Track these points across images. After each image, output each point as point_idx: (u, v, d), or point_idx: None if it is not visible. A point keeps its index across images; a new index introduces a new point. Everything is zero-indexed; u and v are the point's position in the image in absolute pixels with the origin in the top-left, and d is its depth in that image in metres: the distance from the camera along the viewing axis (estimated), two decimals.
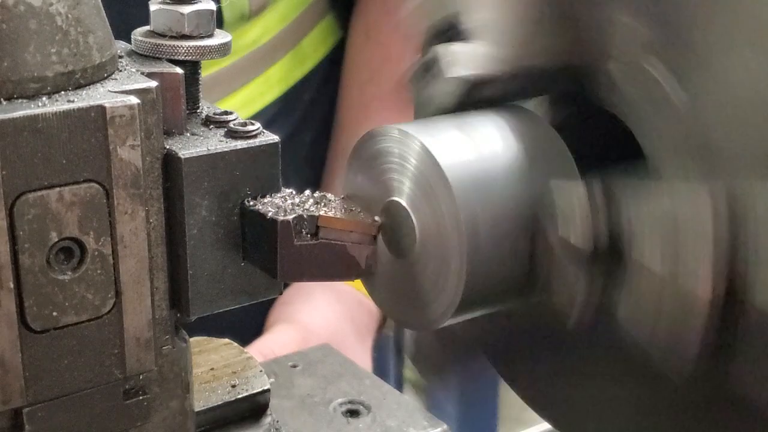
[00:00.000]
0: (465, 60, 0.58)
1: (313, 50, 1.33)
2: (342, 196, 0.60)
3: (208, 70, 0.62)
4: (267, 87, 1.27)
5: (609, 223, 0.53)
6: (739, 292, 0.49)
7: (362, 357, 1.19)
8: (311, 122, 1.34)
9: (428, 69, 0.60)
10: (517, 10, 0.56)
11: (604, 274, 0.54)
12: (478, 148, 0.55)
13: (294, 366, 0.85)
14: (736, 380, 0.50)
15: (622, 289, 0.53)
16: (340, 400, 0.80)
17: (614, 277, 0.53)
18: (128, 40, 0.61)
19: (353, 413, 0.78)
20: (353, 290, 1.21)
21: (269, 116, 1.26)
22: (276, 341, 1.10)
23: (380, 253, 0.58)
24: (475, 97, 0.59)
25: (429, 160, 0.54)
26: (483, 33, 0.58)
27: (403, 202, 0.56)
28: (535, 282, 0.56)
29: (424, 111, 0.61)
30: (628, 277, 0.52)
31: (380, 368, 1.33)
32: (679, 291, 0.50)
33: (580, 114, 0.61)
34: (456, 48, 0.59)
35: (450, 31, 0.60)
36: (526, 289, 0.57)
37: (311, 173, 1.34)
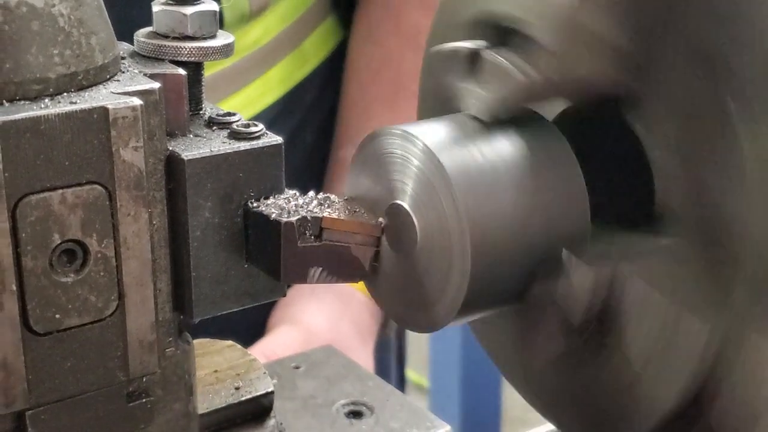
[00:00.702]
0: (509, 75, 0.57)
1: (314, 51, 1.33)
2: (345, 197, 0.60)
3: (208, 71, 0.62)
4: (267, 88, 1.27)
5: (603, 304, 0.56)
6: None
7: (365, 358, 1.19)
8: (312, 123, 1.34)
9: (471, 65, 0.59)
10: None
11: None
12: (482, 148, 0.55)
13: (297, 367, 0.85)
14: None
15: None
16: (342, 402, 0.79)
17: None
18: (131, 42, 0.61)
19: (356, 414, 0.78)
20: (356, 291, 1.21)
21: (270, 117, 1.25)
22: (278, 342, 1.10)
23: (383, 254, 0.58)
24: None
25: (431, 160, 0.54)
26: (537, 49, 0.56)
27: (406, 204, 0.56)
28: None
29: (443, 105, 0.61)
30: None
31: (382, 369, 1.33)
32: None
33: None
34: (504, 59, 0.58)
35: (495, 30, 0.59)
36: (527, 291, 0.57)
37: (312, 174, 1.33)
